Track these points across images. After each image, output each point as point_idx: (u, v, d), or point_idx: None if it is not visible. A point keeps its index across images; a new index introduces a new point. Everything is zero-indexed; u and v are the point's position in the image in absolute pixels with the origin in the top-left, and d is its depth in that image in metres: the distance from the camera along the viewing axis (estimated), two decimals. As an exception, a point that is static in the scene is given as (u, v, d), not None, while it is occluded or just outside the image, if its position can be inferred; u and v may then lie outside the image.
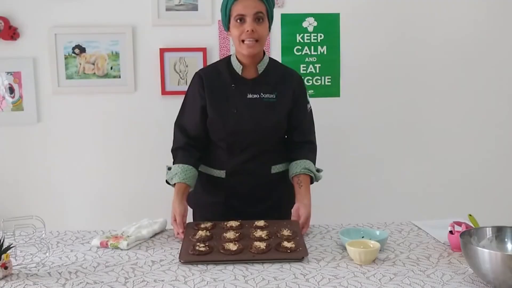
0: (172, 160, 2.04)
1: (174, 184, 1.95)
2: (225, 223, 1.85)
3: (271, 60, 2.06)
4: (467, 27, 3.00)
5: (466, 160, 3.08)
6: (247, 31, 1.87)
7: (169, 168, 2.01)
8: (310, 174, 2.00)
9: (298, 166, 2.00)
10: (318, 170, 2.07)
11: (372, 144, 3.03)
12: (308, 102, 2.09)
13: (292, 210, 1.92)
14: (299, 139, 2.06)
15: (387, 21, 2.96)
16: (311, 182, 2.04)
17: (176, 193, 1.92)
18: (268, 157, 2.03)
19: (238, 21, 1.88)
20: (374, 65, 2.98)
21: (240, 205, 2.02)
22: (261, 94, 1.98)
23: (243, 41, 1.89)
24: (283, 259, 1.58)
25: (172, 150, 2.05)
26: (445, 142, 3.07)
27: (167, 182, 2.00)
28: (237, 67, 1.99)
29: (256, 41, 1.89)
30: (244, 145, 1.98)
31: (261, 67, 1.99)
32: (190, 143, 2.01)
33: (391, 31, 2.97)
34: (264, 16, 1.90)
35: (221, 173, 2.03)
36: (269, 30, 1.97)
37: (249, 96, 1.97)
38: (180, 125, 2.05)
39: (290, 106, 2.01)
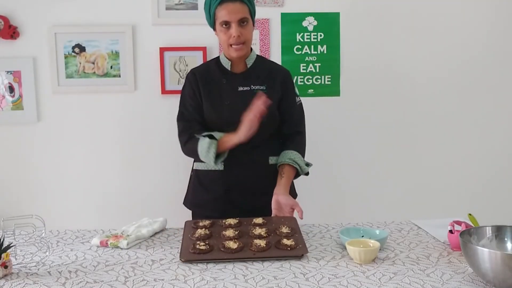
0: (193, 141, 2.01)
1: (217, 141, 1.95)
2: (223, 221, 1.85)
3: (258, 56, 2.15)
4: (468, 27, 3.00)
5: (466, 160, 3.08)
6: (234, 36, 1.95)
7: (201, 136, 1.98)
8: (295, 166, 2.03)
9: (285, 156, 2.05)
10: (307, 164, 2.10)
11: (372, 143, 3.03)
12: (297, 95, 2.15)
13: (272, 202, 1.94)
14: (289, 130, 2.12)
15: (387, 21, 2.96)
16: (298, 174, 2.08)
17: (231, 134, 1.93)
18: (264, 148, 2.07)
19: (224, 26, 1.96)
20: (374, 65, 2.98)
21: (240, 199, 2.04)
22: (252, 86, 2.05)
23: (230, 45, 1.98)
24: (283, 256, 1.59)
25: (191, 134, 2.03)
26: (445, 141, 3.07)
27: (210, 137, 1.96)
28: (226, 64, 2.07)
29: (243, 43, 1.98)
30: None
31: (250, 61, 2.08)
32: (201, 128, 2.05)
33: (391, 30, 2.96)
34: (248, 18, 1.98)
35: (220, 166, 2.05)
36: (254, 26, 2.05)
37: (240, 88, 2.05)
38: (184, 120, 2.08)
39: (279, 97, 2.08)
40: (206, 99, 2.04)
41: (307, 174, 2.12)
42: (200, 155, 1.97)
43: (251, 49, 2.09)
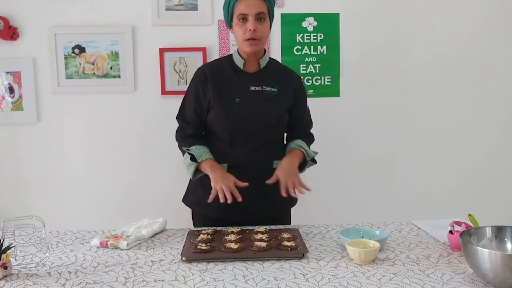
0: (183, 145, 2.06)
1: (197, 163, 1.99)
2: (226, 229, 1.87)
3: (272, 58, 2.15)
4: (467, 26, 3.00)
5: (466, 160, 3.08)
6: (250, 30, 1.95)
7: (187, 150, 2.02)
8: (301, 150, 2.07)
9: (291, 144, 2.10)
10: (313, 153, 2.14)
11: (371, 144, 3.03)
12: (307, 101, 2.19)
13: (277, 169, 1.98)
14: (298, 134, 2.16)
15: (387, 21, 2.96)
16: (305, 163, 2.10)
17: (217, 167, 1.97)
18: (269, 151, 2.07)
19: (241, 20, 1.96)
20: (373, 65, 2.98)
21: (242, 200, 2.03)
22: (263, 87, 2.06)
23: (245, 39, 1.98)
24: (284, 256, 1.59)
25: (184, 137, 2.08)
26: (445, 142, 3.07)
27: (192, 160, 2.00)
28: (239, 62, 2.07)
29: (258, 39, 1.98)
30: (247, 135, 2.03)
31: (263, 62, 2.09)
32: (197, 133, 2.09)
33: (390, 30, 2.97)
34: (266, 15, 1.99)
35: (223, 167, 2.04)
36: (270, 29, 2.06)
37: (252, 88, 2.05)
38: (183, 119, 2.10)
39: (291, 102, 2.10)
40: (215, 95, 2.03)
41: (314, 162, 2.14)
42: (183, 165, 2.05)
43: (265, 50, 2.10)
